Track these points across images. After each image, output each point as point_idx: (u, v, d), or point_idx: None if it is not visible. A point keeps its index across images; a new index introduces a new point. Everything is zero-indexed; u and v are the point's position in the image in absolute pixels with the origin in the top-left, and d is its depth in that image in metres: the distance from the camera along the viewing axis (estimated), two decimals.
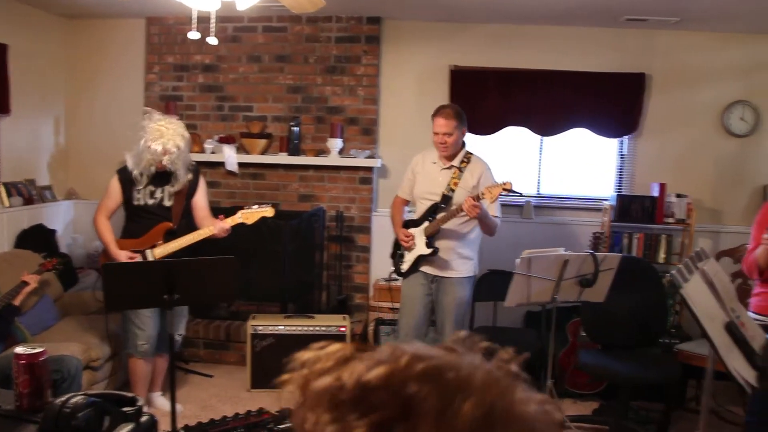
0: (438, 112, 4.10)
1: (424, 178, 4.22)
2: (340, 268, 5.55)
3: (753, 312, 3.44)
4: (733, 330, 2.26)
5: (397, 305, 5.22)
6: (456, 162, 4.13)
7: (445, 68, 5.48)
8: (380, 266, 5.48)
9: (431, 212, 4.14)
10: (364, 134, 5.57)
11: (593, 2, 4.64)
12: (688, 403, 4.84)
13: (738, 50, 5.45)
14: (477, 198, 3.80)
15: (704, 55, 5.46)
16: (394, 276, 5.34)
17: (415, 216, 4.26)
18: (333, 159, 5.45)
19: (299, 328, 4.81)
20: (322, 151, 5.53)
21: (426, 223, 4.14)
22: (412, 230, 4.20)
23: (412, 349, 0.64)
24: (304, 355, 0.69)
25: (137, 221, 4.09)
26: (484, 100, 5.39)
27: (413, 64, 5.57)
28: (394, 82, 5.59)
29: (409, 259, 4.20)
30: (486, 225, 4.05)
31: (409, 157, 4.43)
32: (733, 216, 5.45)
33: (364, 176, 5.53)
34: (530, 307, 5.15)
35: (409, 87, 5.59)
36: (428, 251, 4.12)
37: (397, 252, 4.34)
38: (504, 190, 3.75)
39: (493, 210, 4.03)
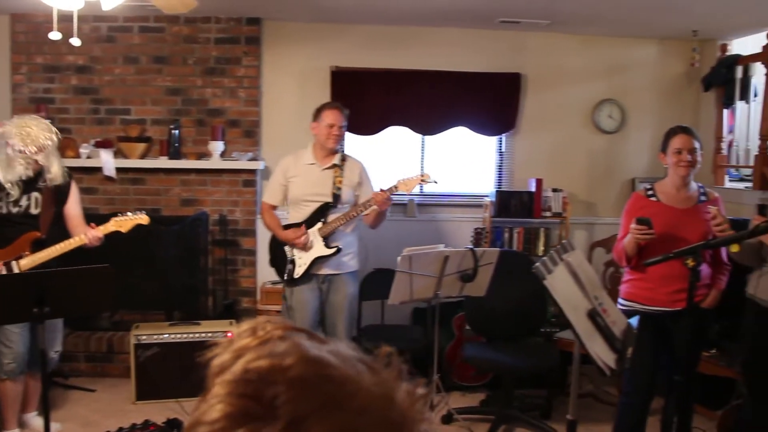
0: (330, 105, 4.20)
1: (304, 180, 4.20)
2: (226, 273, 5.46)
3: (623, 299, 3.62)
4: (595, 317, 2.38)
5: None
6: (336, 160, 4.19)
7: (326, 69, 5.49)
8: (267, 269, 5.41)
9: (321, 213, 4.15)
10: (246, 136, 5.49)
11: (468, 5, 4.77)
12: (568, 388, 5.04)
13: (604, 52, 5.75)
14: (390, 191, 3.97)
15: (574, 56, 5.72)
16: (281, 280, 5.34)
17: (295, 219, 4.23)
18: (215, 162, 5.35)
19: (185, 335, 4.69)
20: (204, 155, 5.41)
21: (319, 224, 4.14)
22: (300, 230, 4.17)
23: (316, 352, 0.63)
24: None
25: (0, 231, 3.86)
26: (366, 100, 5.43)
27: (294, 65, 5.55)
28: (275, 83, 5.55)
29: (304, 262, 4.16)
30: (382, 217, 4.21)
31: None
32: (606, 208, 5.74)
33: (248, 179, 5.46)
34: (417, 304, 5.23)
35: (291, 88, 5.56)
36: (330, 251, 4.14)
37: (281, 257, 4.26)
38: (422, 181, 3.99)
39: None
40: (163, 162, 5.34)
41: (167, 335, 4.67)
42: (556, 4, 4.68)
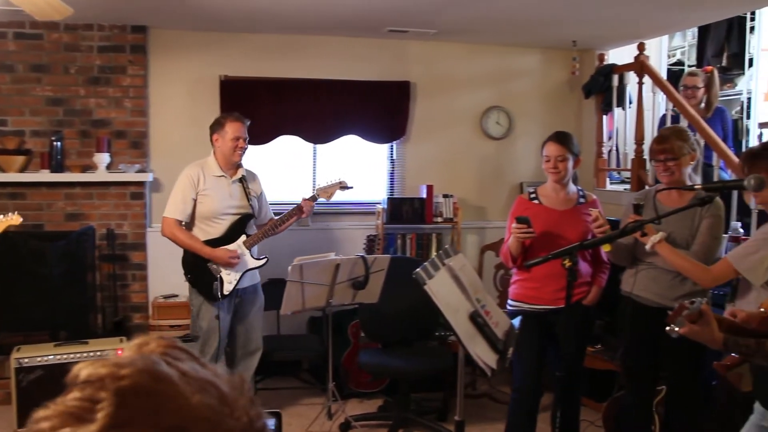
0: (233, 117, 4.11)
1: (218, 193, 4.09)
2: (116, 289, 5.27)
3: (511, 299, 3.73)
4: (476, 319, 2.43)
5: (179, 322, 5.07)
6: (243, 173, 4.18)
7: (216, 78, 5.40)
8: (158, 283, 5.29)
9: (242, 226, 4.09)
10: (133, 148, 5.32)
11: (356, 14, 4.80)
12: (465, 389, 5.12)
13: (490, 60, 5.92)
14: (314, 199, 4.07)
15: (461, 64, 5.86)
16: (173, 293, 5.22)
17: (210, 236, 4.08)
18: (101, 175, 5.15)
19: (72, 355, 4.48)
20: (89, 167, 5.20)
21: (243, 237, 4.08)
22: (228, 247, 4.07)
23: (160, 368, 0.64)
24: None
25: None
26: (256, 110, 5.36)
27: (183, 74, 5.42)
28: (163, 93, 5.41)
29: (233, 278, 4.05)
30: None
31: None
32: (496, 212, 5.90)
33: (136, 191, 5.29)
34: (312, 313, 5.21)
35: (180, 98, 5.43)
36: (260, 262, 4.13)
37: (205, 275, 4.06)
38: (341, 187, 4.07)
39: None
40: (45, 175, 5.10)
41: (52, 356, 4.45)
42: (442, 14, 4.78)
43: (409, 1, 4.42)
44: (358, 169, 5.82)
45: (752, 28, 7.23)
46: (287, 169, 5.65)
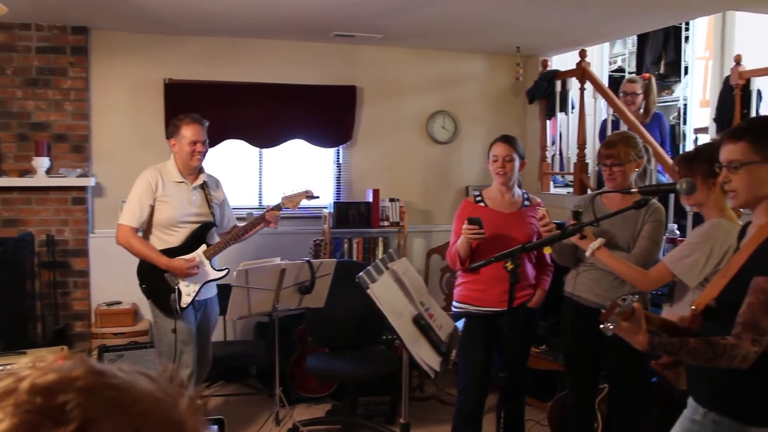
0: (190, 119, 3.90)
1: (177, 200, 3.84)
2: (56, 296, 5.13)
3: (456, 302, 3.75)
4: (420, 322, 2.44)
5: (123, 330, 4.97)
6: (204, 178, 3.97)
7: (160, 81, 5.31)
8: (101, 290, 5.18)
9: (202, 234, 3.89)
10: (74, 151, 5.19)
11: (302, 18, 4.79)
12: (413, 392, 5.16)
13: (436, 65, 5.97)
14: (279, 208, 3.93)
15: (408, 69, 5.90)
16: (117, 300, 5.11)
17: (169, 244, 3.84)
18: (40, 179, 5.00)
19: (9, 367, 4.33)
20: (27, 171, 5.06)
21: (203, 247, 3.86)
22: (187, 257, 3.82)
23: (101, 366, 0.68)
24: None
25: None
26: (202, 113, 5.21)
27: (126, 77, 5.32)
28: (106, 95, 5.30)
29: (192, 290, 3.83)
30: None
31: (128, 175, 4.09)
32: (442, 215, 5.94)
33: (77, 196, 5.16)
34: (259, 318, 5.17)
35: (123, 101, 5.33)
36: (221, 274, 3.92)
37: (161, 287, 3.82)
38: (307, 197, 3.97)
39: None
40: None
41: None
42: (388, 18, 4.80)
43: (355, 6, 4.43)
44: (304, 173, 5.80)
45: (687, 38, 7.46)
46: (233, 173, 5.59)
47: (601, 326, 1.83)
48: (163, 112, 5.21)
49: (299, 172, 5.78)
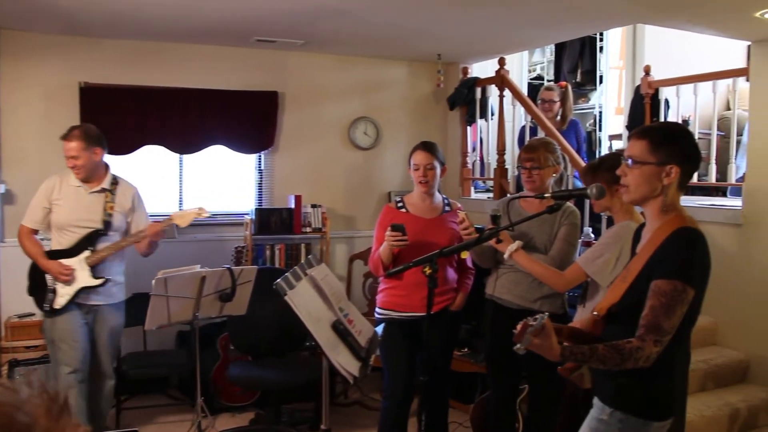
0: (64, 135, 3.91)
1: (70, 204, 3.93)
2: None
3: (379, 307, 3.77)
4: (339, 327, 2.46)
5: (36, 343, 4.80)
6: (106, 184, 3.97)
7: (75, 85, 5.16)
8: (12, 302, 4.97)
9: (89, 241, 3.91)
10: None
11: (223, 23, 4.73)
12: (337, 398, 5.17)
13: (358, 71, 6.02)
14: (166, 223, 3.87)
15: (330, 75, 5.92)
16: (29, 312, 4.92)
17: (60, 246, 3.94)
18: None
19: None
20: None
21: (87, 253, 3.89)
22: (67, 261, 3.89)
23: None
24: None
25: None
26: (120, 118, 5.19)
27: (38, 79, 5.14)
28: (16, 99, 5.10)
29: (67, 292, 3.88)
30: (155, 246, 4.06)
31: (41, 182, 4.05)
32: (364, 221, 5.98)
33: None
34: (180, 327, 5.08)
35: (35, 105, 5.15)
36: (97, 282, 3.92)
37: (42, 285, 3.94)
38: (198, 215, 3.91)
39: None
40: None
41: None
42: (309, 25, 4.81)
43: (275, 12, 4.41)
44: (225, 179, 5.76)
45: (601, 48, 7.76)
46: (152, 180, 5.48)
47: (515, 347, 1.89)
48: (78, 116, 5.06)
49: (220, 178, 5.73)
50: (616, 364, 1.96)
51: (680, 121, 5.83)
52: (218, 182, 5.73)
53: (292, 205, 5.57)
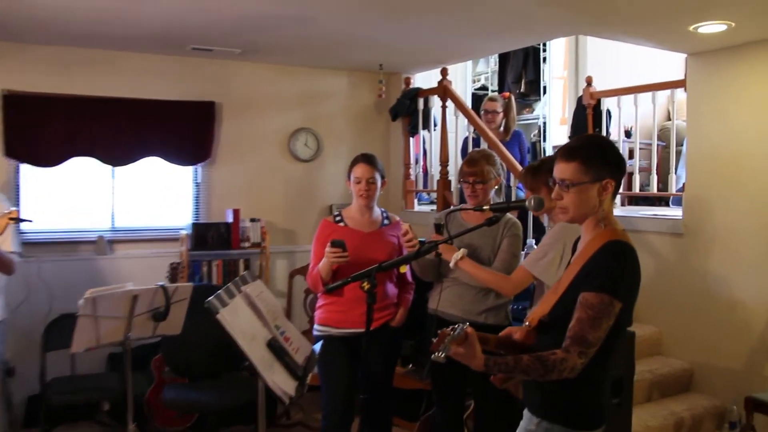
0: None
1: None
2: None
3: (318, 324, 3.77)
4: (274, 346, 2.45)
5: None
6: None
7: None
8: None
9: None
10: None
11: (157, 30, 4.68)
12: (279, 420, 5.13)
13: (298, 82, 6.03)
14: None
15: (269, 85, 5.91)
16: None
17: None
18: None
19: None
20: None
21: None
22: None
23: None
24: None
25: None
26: (47, 128, 5.07)
27: None
28: None
29: None
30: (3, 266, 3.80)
31: None
32: (305, 236, 5.95)
33: None
34: (112, 349, 4.98)
35: None
36: None
37: None
38: (10, 219, 3.52)
39: (8, 244, 3.78)
40: None
41: None
42: (245, 34, 4.79)
43: (210, 19, 4.38)
44: (160, 192, 5.68)
45: (545, 59, 7.93)
46: (82, 193, 5.37)
47: (433, 356, 1.92)
48: (1, 126, 4.94)
49: (155, 191, 5.65)
50: (540, 375, 2.00)
51: (622, 132, 6.00)
52: (153, 195, 5.64)
53: (230, 219, 5.53)
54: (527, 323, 2.17)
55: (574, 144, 2.22)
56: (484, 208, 2.93)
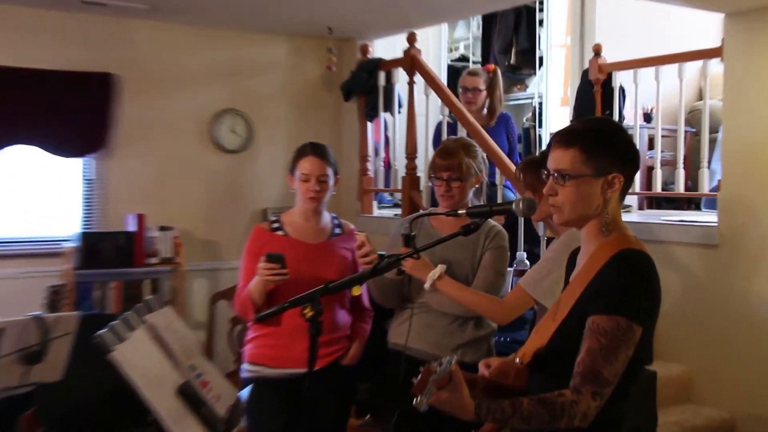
0: None
1: None
2: None
3: (248, 362, 3.72)
4: (187, 393, 2.40)
5: None
6: None
7: None
8: None
9: None
10: None
11: None
12: None
13: (225, 49, 6.01)
14: None
15: (185, 53, 5.89)
16: None
17: None
18: None
19: None
20: None
21: None
22: None
23: None
24: None
25: None
26: None
27: None
28: None
29: None
30: None
31: None
32: (232, 249, 5.88)
33: None
34: None
35: None
36: None
37: None
38: None
39: None
40: None
41: None
42: None
43: None
44: (37, 192, 5.63)
45: (541, 22, 7.97)
46: None
47: (414, 402, 1.88)
48: None
49: (30, 191, 5.60)
50: (545, 422, 1.97)
51: (640, 114, 6.04)
52: (27, 196, 5.59)
53: (133, 228, 5.49)
54: (518, 359, 2.14)
55: (574, 127, 2.21)
56: (460, 212, 2.91)
